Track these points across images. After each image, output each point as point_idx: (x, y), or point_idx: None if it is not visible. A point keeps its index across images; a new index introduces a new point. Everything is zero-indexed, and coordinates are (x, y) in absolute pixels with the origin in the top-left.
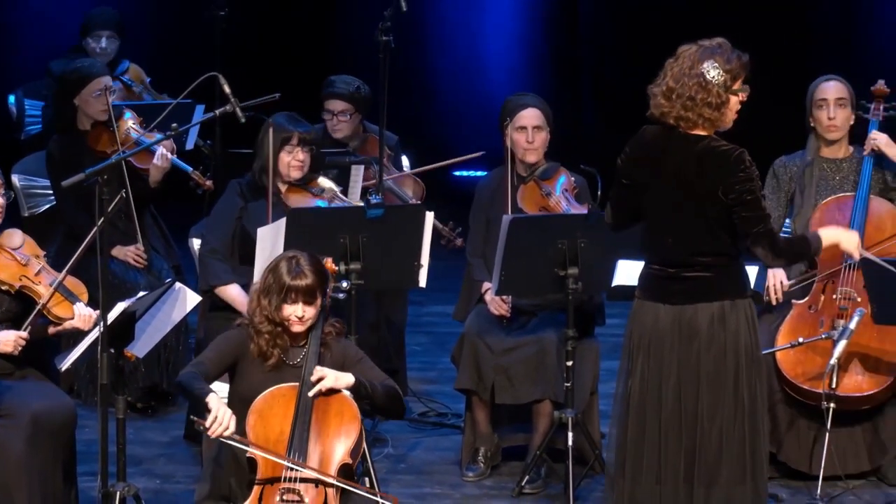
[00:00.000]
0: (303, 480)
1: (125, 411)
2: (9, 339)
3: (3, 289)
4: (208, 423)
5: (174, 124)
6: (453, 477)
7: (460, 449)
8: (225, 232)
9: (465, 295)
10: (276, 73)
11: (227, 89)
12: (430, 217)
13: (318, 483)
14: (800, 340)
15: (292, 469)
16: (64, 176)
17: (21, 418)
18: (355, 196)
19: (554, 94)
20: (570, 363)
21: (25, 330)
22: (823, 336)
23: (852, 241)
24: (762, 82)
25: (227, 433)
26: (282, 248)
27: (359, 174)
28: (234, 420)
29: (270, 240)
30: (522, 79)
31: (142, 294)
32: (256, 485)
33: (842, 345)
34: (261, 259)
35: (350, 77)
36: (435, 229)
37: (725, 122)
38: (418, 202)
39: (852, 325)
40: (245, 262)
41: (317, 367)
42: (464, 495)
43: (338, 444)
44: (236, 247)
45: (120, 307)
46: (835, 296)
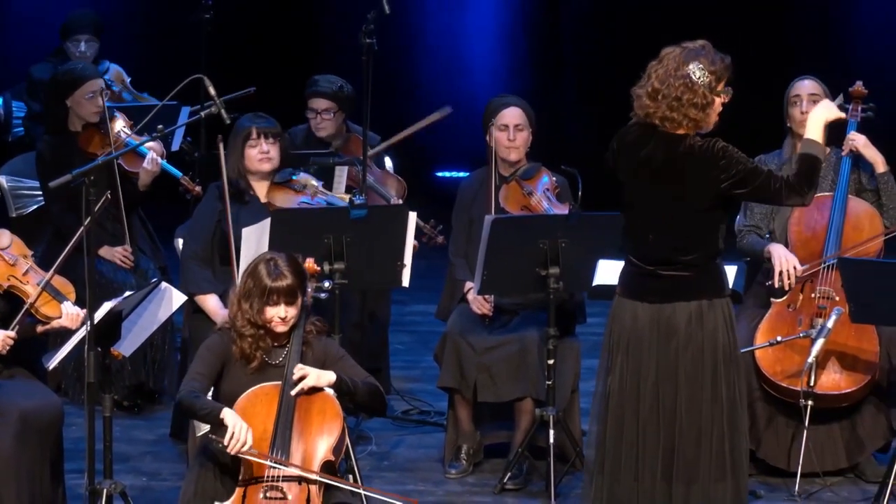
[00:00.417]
0: (286, 478)
1: (112, 409)
2: None
3: None
4: (227, 440)
5: (160, 126)
6: (436, 474)
7: (443, 446)
8: (205, 235)
9: (448, 294)
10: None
11: (212, 91)
12: (412, 217)
13: (301, 480)
14: (778, 339)
15: (275, 468)
16: (54, 176)
17: (9, 416)
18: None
19: (536, 95)
20: (551, 361)
21: (13, 329)
22: (802, 334)
23: (830, 110)
24: (741, 84)
25: (245, 448)
26: (266, 248)
27: (343, 174)
28: (251, 434)
29: (255, 240)
30: (505, 81)
31: (128, 294)
32: (240, 483)
33: (820, 343)
34: (245, 259)
35: (333, 76)
36: (416, 227)
37: (708, 124)
38: (400, 200)
39: (830, 323)
40: (225, 263)
41: (298, 365)
42: (446, 492)
43: (320, 442)
44: (216, 249)
45: (106, 306)
46: (813, 295)
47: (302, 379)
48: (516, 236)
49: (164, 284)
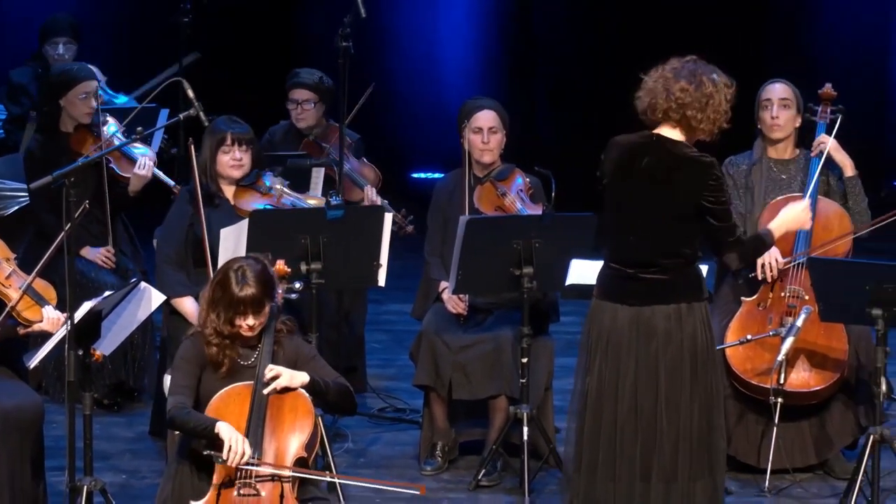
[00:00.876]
0: (259, 476)
1: (92, 407)
2: None
3: None
4: (225, 455)
5: (139, 128)
6: (412, 471)
7: (418, 443)
8: (178, 239)
9: (423, 293)
10: (239, 79)
11: (190, 94)
12: (388, 218)
13: (274, 477)
14: (748, 337)
15: (247, 468)
16: (41, 175)
17: None
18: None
19: (509, 98)
20: (525, 360)
21: None
22: (772, 333)
23: (799, 217)
24: None
25: (245, 459)
26: (244, 249)
27: (319, 176)
28: (247, 444)
29: (233, 241)
30: (478, 83)
31: (108, 293)
32: (215, 482)
33: (789, 341)
34: (223, 260)
35: (313, 69)
36: None
37: (710, 135)
38: (375, 189)
39: (800, 322)
40: (199, 265)
41: (270, 366)
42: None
43: (292, 439)
44: (189, 252)
45: (86, 306)
46: (783, 294)
47: (275, 378)
48: (491, 236)
49: (143, 284)
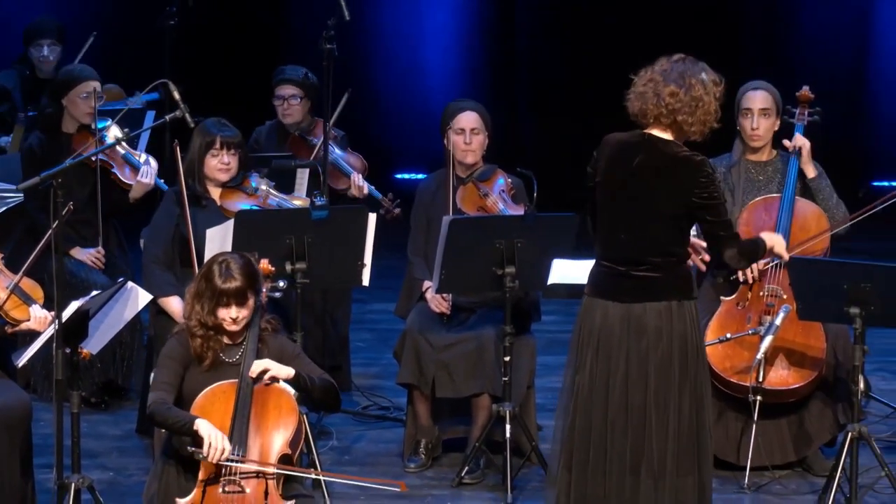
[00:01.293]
0: (244, 473)
1: (79, 406)
2: None
3: None
4: (206, 451)
5: (126, 129)
6: (396, 468)
7: (402, 441)
8: (165, 239)
9: (407, 293)
10: (225, 81)
11: (176, 96)
12: (372, 218)
13: (258, 474)
14: (728, 336)
15: (231, 465)
16: (38, 171)
17: None
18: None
19: (491, 100)
20: (507, 358)
21: None
22: (751, 332)
23: (780, 244)
24: None
25: (226, 455)
26: (230, 249)
27: (304, 177)
28: (227, 441)
29: (219, 240)
30: (461, 86)
31: (95, 293)
32: (200, 480)
33: (768, 340)
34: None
35: (298, 66)
36: (374, 199)
37: (702, 135)
38: (362, 175)
39: (778, 321)
40: (186, 265)
41: (256, 361)
42: (406, 486)
43: (277, 436)
44: (176, 252)
45: (74, 305)
46: (762, 293)
47: (264, 373)
48: (473, 236)
49: (129, 284)
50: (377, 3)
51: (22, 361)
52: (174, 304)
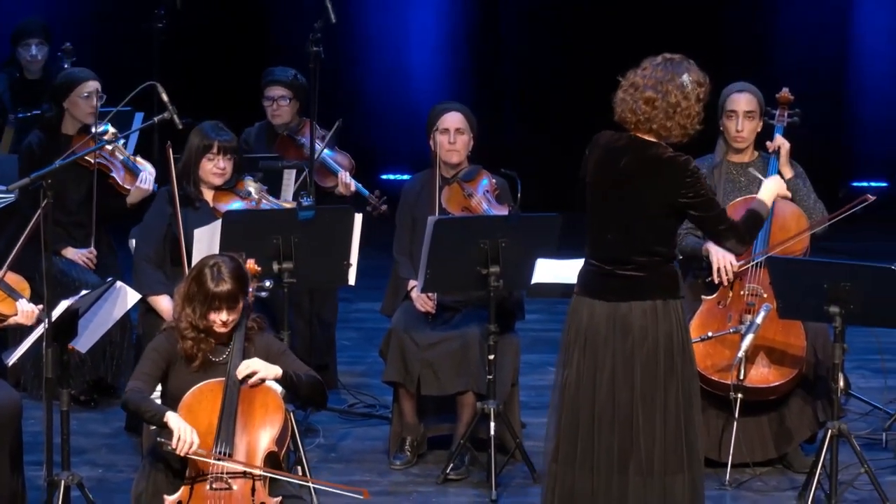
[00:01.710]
0: (231, 471)
1: (69, 404)
2: None
3: None
4: (174, 444)
5: (108, 127)
6: (381, 465)
7: (388, 438)
8: (157, 238)
9: (392, 292)
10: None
11: (165, 97)
12: (358, 218)
13: (245, 472)
14: (709, 334)
15: (219, 464)
16: (35, 170)
17: None
18: (287, 198)
19: (476, 101)
20: (492, 357)
21: None
22: (732, 330)
23: (778, 185)
24: None
25: (193, 448)
26: (217, 249)
27: (291, 178)
28: (196, 434)
29: (207, 241)
30: (446, 88)
31: (84, 292)
32: (188, 477)
33: (749, 338)
34: (197, 259)
35: (287, 67)
36: (362, 197)
37: (685, 137)
38: (349, 173)
39: (759, 319)
40: (176, 264)
41: (245, 362)
42: (391, 482)
43: (263, 434)
44: (167, 251)
45: (63, 305)
46: (742, 292)
47: (251, 375)
48: (458, 236)
49: (118, 283)
50: (363, 5)
51: (12, 360)
52: (163, 303)
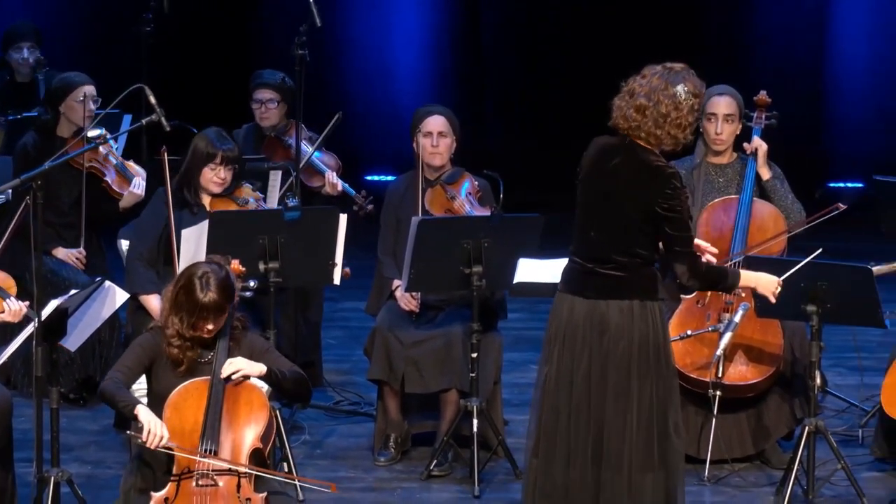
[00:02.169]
0: (216, 467)
1: (58, 401)
2: None
3: None
4: (144, 436)
5: (102, 131)
6: (366, 462)
7: (373, 435)
8: (152, 238)
9: (377, 291)
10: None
11: (152, 100)
12: (343, 219)
13: (231, 468)
14: (688, 333)
15: (205, 462)
16: (28, 170)
17: None
18: (273, 200)
19: (459, 104)
20: (475, 355)
21: None
22: (710, 329)
23: (770, 286)
24: None
25: (163, 442)
26: (204, 249)
27: (276, 179)
28: (165, 428)
29: (194, 241)
30: (429, 91)
31: (73, 292)
32: (174, 474)
33: (727, 337)
34: (184, 259)
35: (275, 70)
36: (348, 197)
37: (679, 145)
38: (336, 174)
39: (737, 318)
40: (168, 263)
41: (229, 360)
42: (376, 479)
43: (248, 431)
44: (161, 251)
45: (53, 304)
46: None
47: (235, 373)
48: (441, 237)
49: (107, 283)
50: (348, 10)
51: (2, 359)
52: (154, 303)
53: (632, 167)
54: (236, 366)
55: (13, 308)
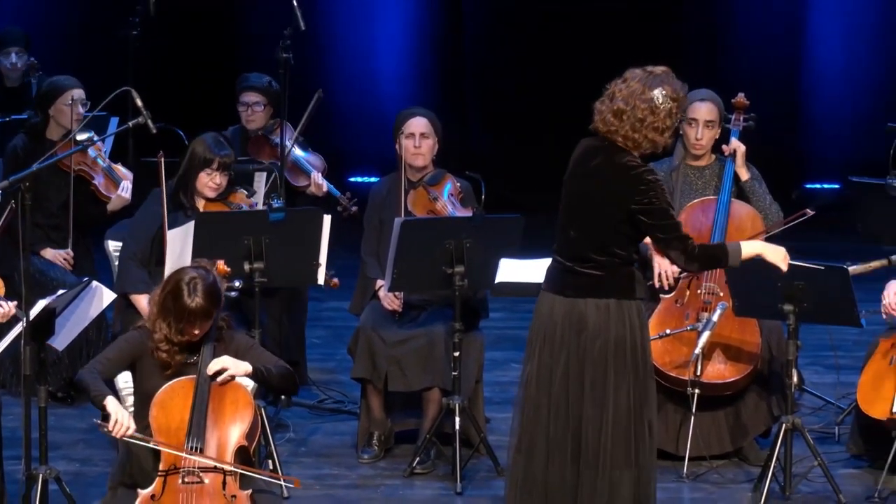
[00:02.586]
0: (202, 465)
1: (47, 400)
2: None
3: None
4: (111, 426)
5: (91, 134)
6: (350, 459)
7: (356, 433)
8: (146, 238)
9: (360, 291)
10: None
11: (139, 103)
12: (327, 220)
13: (216, 466)
14: (667, 332)
15: (190, 458)
16: (18, 172)
17: None
18: (258, 201)
19: (441, 106)
20: (457, 354)
21: None
22: (689, 328)
23: (778, 254)
24: None
25: (129, 433)
26: (190, 250)
27: (262, 180)
28: (132, 419)
29: (180, 242)
30: (412, 93)
31: (61, 292)
32: (161, 471)
33: (706, 336)
34: (171, 260)
35: (262, 74)
36: (333, 198)
37: (658, 148)
38: (321, 174)
39: (715, 317)
40: (160, 264)
41: (215, 360)
42: (360, 476)
43: (233, 429)
44: (154, 251)
45: (41, 304)
46: (699, 291)
47: (221, 371)
48: (424, 237)
49: (94, 283)
50: (332, 14)
51: None
52: (145, 302)
53: (609, 168)
54: (222, 364)
55: (2, 308)
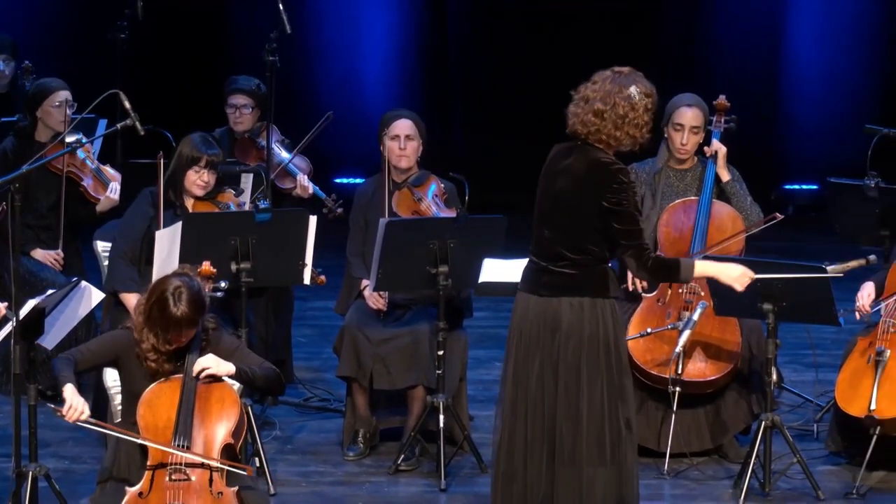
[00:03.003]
0: (189, 462)
1: (36, 398)
2: None
3: None
4: (64, 411)
5: (79, 136)
6: (335, 456)
7: (342, 431)
8: (135, 237)
9: (346, 290)
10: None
11: (127, 105)
12: (313, 220)
13: (203, 463)
14: (648, 330)
15: (177, 454)
16: (7, 174)
17: None
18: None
19: (425, 108)
20: (441, 352)
21: None
22: (670, 326)
23: (733, 274)
24: None
25: (83, 417)
26: (178, 250)
27: (248, 182)
28: (87, 406)
29: (168, 242)
30: (397, 96)
31: (50, 292)
32: (148, 468)
33: (686, 334)
34: (158, 260)
35: (250, 77)
36: (319, 200)
37: (636, 145)
38: (307, 176)
39: (696, 316)
40: (150, 263)
41: (198, 360)
42: (345, 473)
43: (219, 427)
44: (144, 250)
45: (31, 304)
46: (680, 290)
47: (204, 370)
48: (409, 237)
49: (83, 283)
50: (317, 17)
51: None
52: (133, 301)
53: (582, 165)
54: (205, 363)
55: None
